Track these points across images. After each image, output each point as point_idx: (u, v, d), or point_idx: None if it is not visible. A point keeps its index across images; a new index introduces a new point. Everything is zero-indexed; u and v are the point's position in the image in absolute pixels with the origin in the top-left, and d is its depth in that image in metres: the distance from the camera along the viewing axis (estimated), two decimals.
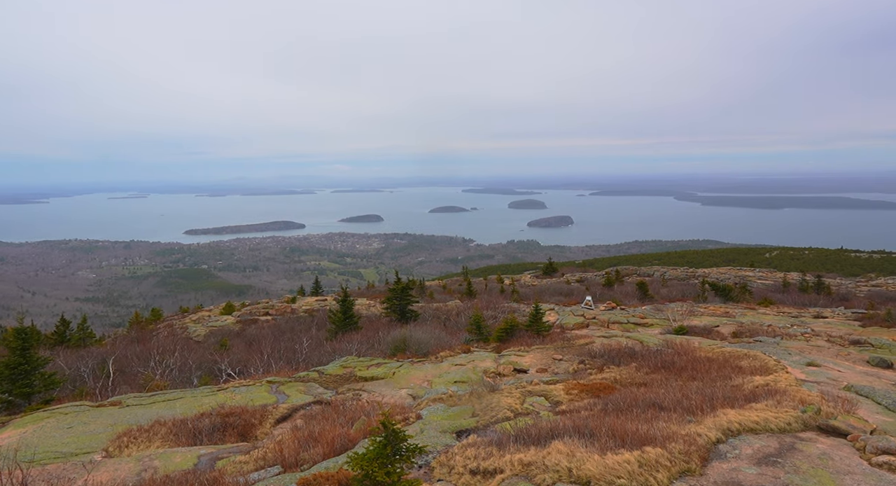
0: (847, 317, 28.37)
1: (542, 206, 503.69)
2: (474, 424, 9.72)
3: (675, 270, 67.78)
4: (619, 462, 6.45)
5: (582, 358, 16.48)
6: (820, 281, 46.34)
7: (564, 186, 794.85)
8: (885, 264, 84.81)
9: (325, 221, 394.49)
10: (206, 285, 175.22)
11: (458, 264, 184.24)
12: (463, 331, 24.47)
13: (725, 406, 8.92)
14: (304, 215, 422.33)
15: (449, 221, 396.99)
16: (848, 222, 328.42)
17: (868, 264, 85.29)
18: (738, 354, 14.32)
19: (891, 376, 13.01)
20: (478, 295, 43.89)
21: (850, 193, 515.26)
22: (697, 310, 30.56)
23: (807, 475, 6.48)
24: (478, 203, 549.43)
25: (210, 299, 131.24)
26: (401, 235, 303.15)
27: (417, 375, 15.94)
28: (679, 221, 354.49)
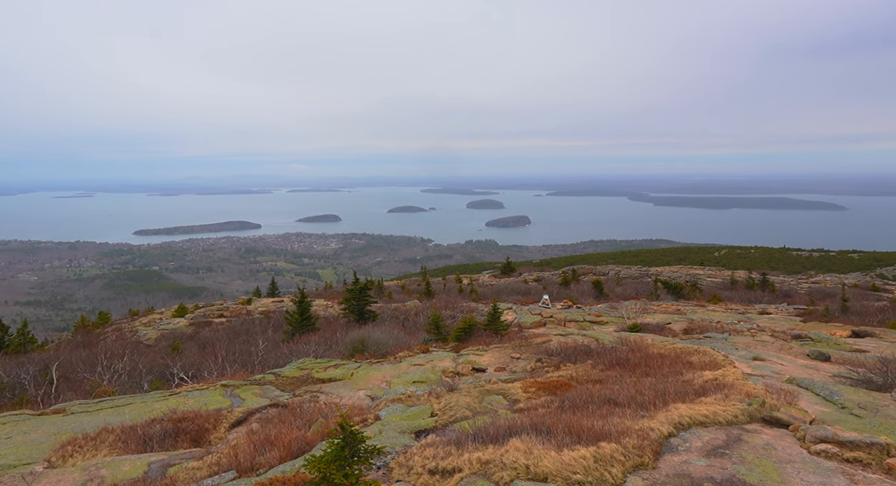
0: (789, 313, 29.60)
1: (500, 206, 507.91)
2: (433, 424, 9.72)
3: (630, 268, 69.39)
4: (575, 458, 6.55)
5: (539, 356, 16.68)
6: (765, 279, 48.22)
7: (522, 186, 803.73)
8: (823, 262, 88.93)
9: (282, 221, 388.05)
10: (158, 286, 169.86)
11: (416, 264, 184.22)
12: (422, 331, 24.45)
13: (677, 401, 9.16)
14: (260, 215, 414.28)
15: (407, 221, 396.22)
16: (790, 222, 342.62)
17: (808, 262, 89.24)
18: (688, 350, 14.74)
19: (829, 368, 13.64)
20: (436, 295, 43.94)
21: (792, 194, 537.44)
22: (651, 308, 31.36)
23: (752, 465, 6.72)
24: (436, 203, 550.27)
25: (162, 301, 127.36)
26: (359, 236, 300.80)
27: (376, 375, 15.85)
28: (633, 222, 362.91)
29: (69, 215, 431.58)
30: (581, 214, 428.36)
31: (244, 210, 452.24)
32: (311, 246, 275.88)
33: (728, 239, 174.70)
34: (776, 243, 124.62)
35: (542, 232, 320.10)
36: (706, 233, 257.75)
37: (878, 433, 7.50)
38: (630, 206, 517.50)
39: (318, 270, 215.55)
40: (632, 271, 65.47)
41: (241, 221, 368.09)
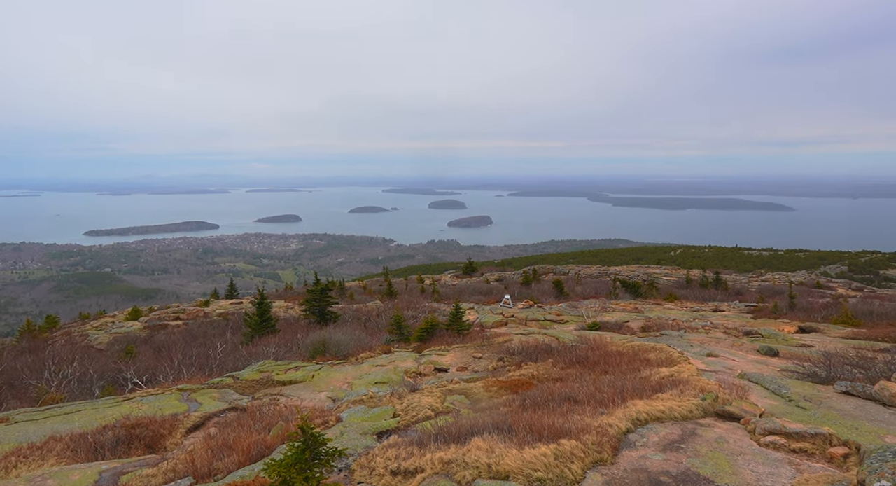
0: (741, 310, 30.58)
1: (462, 206, 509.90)
2: (395, 424, 9.70)
3: (589, 268, 70.55)
4: (536, 456, 6.64)
5: (501, 356, 16.81)
6: (718, 277, 49.75)
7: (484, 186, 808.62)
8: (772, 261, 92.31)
9: (241, 221, 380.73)
10: (110, 289, 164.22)
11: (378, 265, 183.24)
12: (384, 332, 24.34)
13: (635, 397, 9.37)
14: (218, 215, 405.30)
15: (369, 221, 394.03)
16: (742, 222, 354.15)
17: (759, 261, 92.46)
18: (646, 347, 15.08)
19: (777, 363, 14.16)
20: (398, 295, 43.81)
21: (744, 195, 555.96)
22: (610, 306, 31.95)
23: (706, 458, 6.94)
24: (398, 203, 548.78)
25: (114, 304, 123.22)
26: (320, 236, 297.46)
27: (337, 377, 15.71)
28: (592, 222, 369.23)
29: (13, 215, 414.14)
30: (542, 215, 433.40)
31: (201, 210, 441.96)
32: (270, 247, 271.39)
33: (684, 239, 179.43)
34: (729, 242, 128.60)
35: (504, 232, 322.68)
36: (663, 233, 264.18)
37: (822, 424, 7.83)
38: (590, 206, 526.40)
39: (278, 271, 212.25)
40: (591, 271, 66.59)
41: (199, 222, 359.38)
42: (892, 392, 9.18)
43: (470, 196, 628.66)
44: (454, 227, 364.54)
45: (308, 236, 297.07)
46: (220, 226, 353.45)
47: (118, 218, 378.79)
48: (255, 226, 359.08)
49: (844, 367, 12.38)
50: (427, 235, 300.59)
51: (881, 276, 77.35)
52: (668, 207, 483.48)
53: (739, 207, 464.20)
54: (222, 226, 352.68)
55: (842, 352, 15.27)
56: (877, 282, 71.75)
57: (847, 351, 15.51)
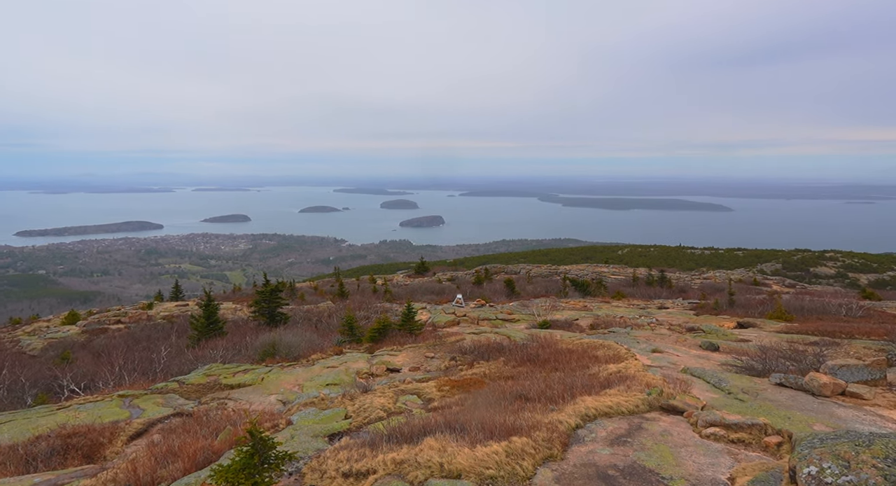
0: (684, 307, 31.66)
1: (415, 206, 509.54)
2: (347, 426, 9.62)
3: (540, 267, 71.61)
4: (488, 454, 6.70)
5: (453, 355, 16.89)
6: (663, 275, 51.34)
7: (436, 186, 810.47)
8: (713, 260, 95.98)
9: (187, 221, 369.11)
10: (45, 292, 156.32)
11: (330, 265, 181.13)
12: (335, 333, 24.08)
13: (584, 394, 9.57)
14: (162, 215, 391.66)
15: (320, 221, 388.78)
16: (685, 222, 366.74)
17: (701, 260, 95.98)
18: (594, 344, 15.43)
19: (718, 357, 14.74)
20: (350, 296, 43.40)
21: (686, 196, 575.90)
22: (560, 305, 32.53)
23: (651, 451, 7.17)
24: (350, 203, 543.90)
25: (49, 308, 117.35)
26: (269, 236, 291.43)
27: (288, 379, 15.45)
28: (543, 221, 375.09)
29: None
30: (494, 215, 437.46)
31: (144, 210, 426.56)
32: (218, 247, 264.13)
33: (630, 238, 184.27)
34: (673, 241, 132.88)
35: (456, 232, 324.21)
36: (611, 232, 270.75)
37: (758, 415, 8.20)
38: (540, 206, 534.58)
39: (226, 272, 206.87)
40: (542, 270, 67.62)
41: (141, 222, 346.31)
42: (820, 383, 9.70)
43: (422, 196, 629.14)
44: (406, 227, 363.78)
45: (257, 237, 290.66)
46: (164, 226, 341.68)
47: (53, 218, 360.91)
48: (201, 226, 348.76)
49: (778, 360, 13.00)
50: (379, 235, 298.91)
51: (811, 273, 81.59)
52: (615, 207, 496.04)
53: (683, 207, 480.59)
54: (167, 226, 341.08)
55: (776, 346, 16.03)
56: (807, 279, 75.63)
57: (781, 345, 16.28)
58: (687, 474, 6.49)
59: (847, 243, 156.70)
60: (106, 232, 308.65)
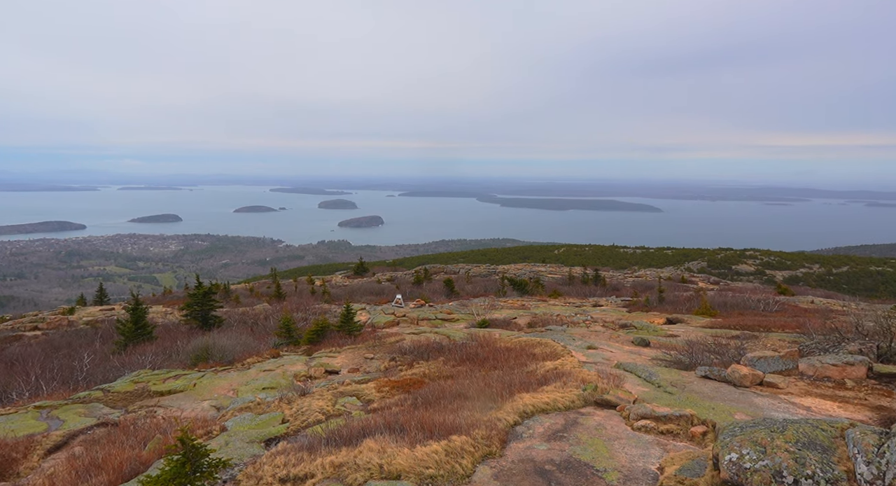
0: (618, 305, 32.75)
1: (353, 206, 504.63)
2: (284, 430, 9.43)
3: (479, 267, 72.36)
4: (427, 453, 6.72)
5: (393, 355, 16.84)
6: (597, 274, 52.94)
7: (375, 186, 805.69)
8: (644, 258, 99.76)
9: (112, 221, 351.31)
10: None
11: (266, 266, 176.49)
12: (272, 335, 23.53)
13: (522, 391, 9.74)
14: (84, 215, 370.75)
15: (256, 221, 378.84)
16: (618, 222, 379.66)
17: (633, 258, 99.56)
18: (532, 342, 15.74)
19: (649, 352, 15.34)
20: (288, 297, 42.51)
21: (619, 196, 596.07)
22: (498, 304, 32.98)
23: (586, 445, 7.39)
24: (287, 203, 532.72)
25: None
26: (202, 237, 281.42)
27: (222, 384, 14.98)
28: (482, 222, 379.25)
29: None
30: (433, 215, 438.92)
31: (64, 209, 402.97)
32: (146, 248, 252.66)
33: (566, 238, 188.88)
34: (607, 241, 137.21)
35: (396, 232, 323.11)
36: (548, 232, 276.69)
37: (685, 407, 8.60)
38: (479, 206, 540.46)
39: (155, 274, 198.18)
40: (481, 269, 68.35)
41: (61, 222, 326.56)
42: (741, 374, 10.27)
43: (361, 196, 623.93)
44: (345, 227, 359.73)
45: (189, 237, 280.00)
46: (87, 226, 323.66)
47: None
48: (128, 226, 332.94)
49: (704, 353, 13.68)
50: (317, 236, 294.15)
51: (733, 270, 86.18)
52: (552, 207, 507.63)
53: (616, 208, 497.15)
54: (90, 226, 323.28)
55: (702, 340, 16.84)
56: (730, 276, 79.84)
57: (706, 339, 17.13)
58: (620, 465, 6.73)
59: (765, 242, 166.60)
60: (20, 232, 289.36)
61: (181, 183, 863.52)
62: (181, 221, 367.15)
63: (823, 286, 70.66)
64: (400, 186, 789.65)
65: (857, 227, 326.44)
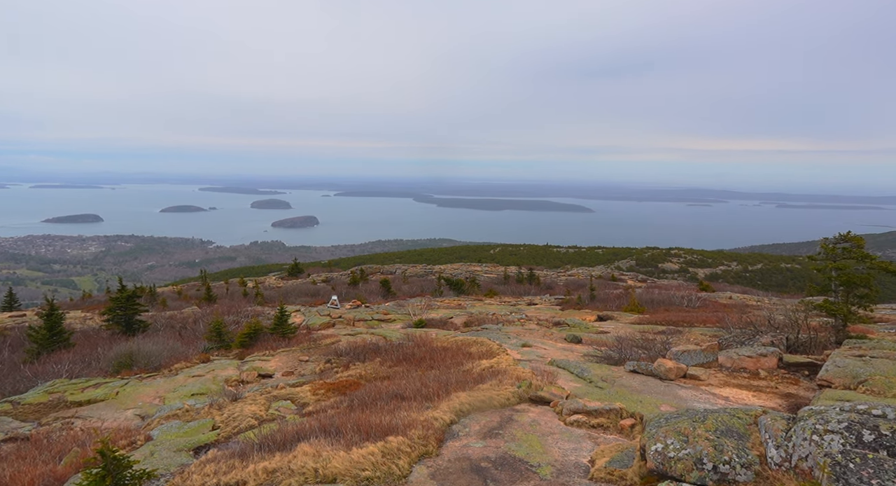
0: (551, 303, 33.55)
1: (287, 206, 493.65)
2: (215, 437, 9.13)
3: (415, 267, 72.31)
4: (363, 455, 6.68)
5: (328, 357, 16.61)
6: (532, 273, 54.03)
7: (310, 186, 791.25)
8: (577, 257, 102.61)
9: (23, 221, 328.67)
10: None
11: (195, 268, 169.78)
12: (202, 339, 22.70)
13: (458, 390, 9.82)
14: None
15: (184, 221, 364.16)
16: (551, 222, 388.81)
17: (566, 258, 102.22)
18: (468, 341, 15.89)
19: (581, 349, 15.81)
20: (219, 300, 41.09)
21: (552, 197, 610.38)
22: (435, 304, 33.10)
23: (521, 441, 7.54)
24: (217, 203, 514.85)
25: None
26: (126, 238, 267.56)
27: (147, 392, 14.32)
28: (418, 222, 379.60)
29: None
30: (369, 215, 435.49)
31: None
32: (63, 250, 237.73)
33: (502, 238, 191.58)
34: (541, 241, 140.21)
35: (331, 232, 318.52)
36: (484, 232, 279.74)
37: (615, 401, 8.93)
38: (415, 207, 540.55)
39: (73, 277, 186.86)
40: (417, 270, 68.36)
41: None
42: (666, 368, 10.76)
43: (295, 196, 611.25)
44: (279, 227, 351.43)
45: (111, 238, 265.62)
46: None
47: None
48: (42, 227, 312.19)
49: (632, 349, 14.22)
50: (250, 236, 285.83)
51: (660, 268, 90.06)
52: (487, 207, 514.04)
53: (550, 208, 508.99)
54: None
55: (630, 336, 17.51)
56: (657, 274, 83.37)
57: (634, 335, 17.81)
58: (553, 460, 6.90)
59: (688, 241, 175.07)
60: None
61: (102, 181, 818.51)
62: (102, 222, 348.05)
63: (740, 283, 74.93)
64: (336, 187, 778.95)
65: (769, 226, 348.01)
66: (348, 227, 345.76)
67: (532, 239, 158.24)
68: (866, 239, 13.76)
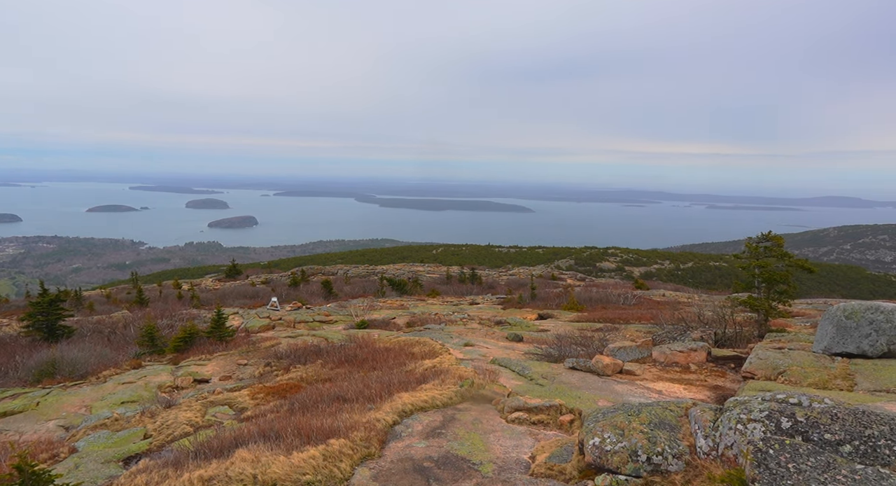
0: (493, 302, 33.97)
1: (225, 206, 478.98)
2: (147, 446, 8.77)
3: (357, 268, 71.66)
4: (304, 459, 6.57)
5: (268, 360, 16.25)
6: (474, 273, 54.51)
7: (248, 185, 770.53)
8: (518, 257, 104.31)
9: None
10: None
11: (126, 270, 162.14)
12: (133, 344, 21.73)
13: (401, 391, 9.81)
14: None
15: (113, 221, 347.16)
16: (492, 222, 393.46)
17: (507, 257, 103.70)
18: (411, 341, 15.89)
19: (522, 347, 16.09)
20: (151, 303, 39.43)
21: (494, 198, 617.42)
22: (377, 304, 32.91)
23: (464, 439, 7.60)
24: (149, 202, 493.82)
25: None
26: (48, 239, 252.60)
27: (72, 401, 13.59)
28: (360, 222, 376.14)
29: None
30: (310, 215, 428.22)
31: None
32: None
33: (444, 238, 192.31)
34: (482, 241, 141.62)
35: (271, 233, 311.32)
36: (426, 233, 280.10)
37: (555, 397, 9.13)
38: (357, 207, 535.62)
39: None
40: (359, 270, 67.77)
41: None
42: (603, 364, 11.09)
43: (233, 195, 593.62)
44: (216, 228, 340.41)
45: (31, 239, 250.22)
46: None
47: None
48: None
49: (571, 346, 14.58)
50: (185, 237, 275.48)
51: (597, 267, 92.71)
52: (430, 208, 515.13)
53: (491, 208, 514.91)
54: None
55: (570, 334, 17.95)
56: (595, 273, 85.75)
57: (574, 333, 18.27)
58: (495, 457, 7.00)
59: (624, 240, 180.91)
60: None
61: (20, 179, 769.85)
62: (21, 222, 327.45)
63: (673, 281, 78.09)
64: (275, 186, 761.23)
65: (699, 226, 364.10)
66: (289, 227, 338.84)
67: (474, 239, 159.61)
68: (785, 238, 14.63)
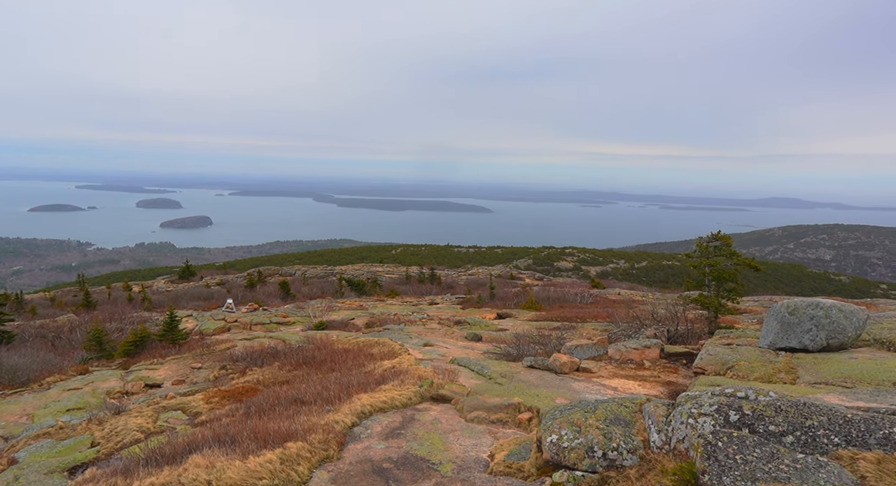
0: (453, 302, 34.07)
1: (178, 205, 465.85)
2: (94, 455, 8.46)
3: (316, 268, 70.74)
4: (261, 463, 6.46)
5: (223, 364, 15.89)
6: (433, 273, 54.56)
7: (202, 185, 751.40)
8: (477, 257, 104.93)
9: None
10: None
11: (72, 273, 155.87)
12: (79, 349, 20.93)
13: (360, 392, 9.74)
14: None
15: (58, 221, 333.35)
16: (452, 222, 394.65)
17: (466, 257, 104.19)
18: (370, 342, 15.79)
19: (481, 347, 16.19)
20: (99, 306, 38.04)
21: (452, 198, 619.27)
22: (336, 305, 32.58)
23: (423, 439, 7.60)
24: (97, 201, 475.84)
25: None
26: None
27: (12, 410, 13.00)
28: (318, 222, 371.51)
29: None
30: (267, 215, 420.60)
31: None
32: None
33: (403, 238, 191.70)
34: (442, 241, 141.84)
35: (226, 233, 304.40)
36: (385, 233, 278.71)
37: (513, 396, 9.23)
38: (315, 207, 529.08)
39: None
40: (318, 271, 66.93)
41: None
42: (561, 362, 11.27)
43: (186, 195, 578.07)
44: (168, 228, 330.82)
45: None
46: None
47: None
48: None
49: (530, 345, 14.75)
50: (135, 238, 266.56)
51: (555, 267, 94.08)
52: (389, 208, 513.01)
53: (450, 209, 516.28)
54: None
55: (528, 333, 18.15)
56: (552, 272, 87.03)
57: (532, 332, 18.48)
58: (454, 457, 7.03)
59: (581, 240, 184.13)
60: None
61: None
62: None
63: (628, 279, 79.90)
64: (231, 185, 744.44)
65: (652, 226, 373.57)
66: (245, 227, 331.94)
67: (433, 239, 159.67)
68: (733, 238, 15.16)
